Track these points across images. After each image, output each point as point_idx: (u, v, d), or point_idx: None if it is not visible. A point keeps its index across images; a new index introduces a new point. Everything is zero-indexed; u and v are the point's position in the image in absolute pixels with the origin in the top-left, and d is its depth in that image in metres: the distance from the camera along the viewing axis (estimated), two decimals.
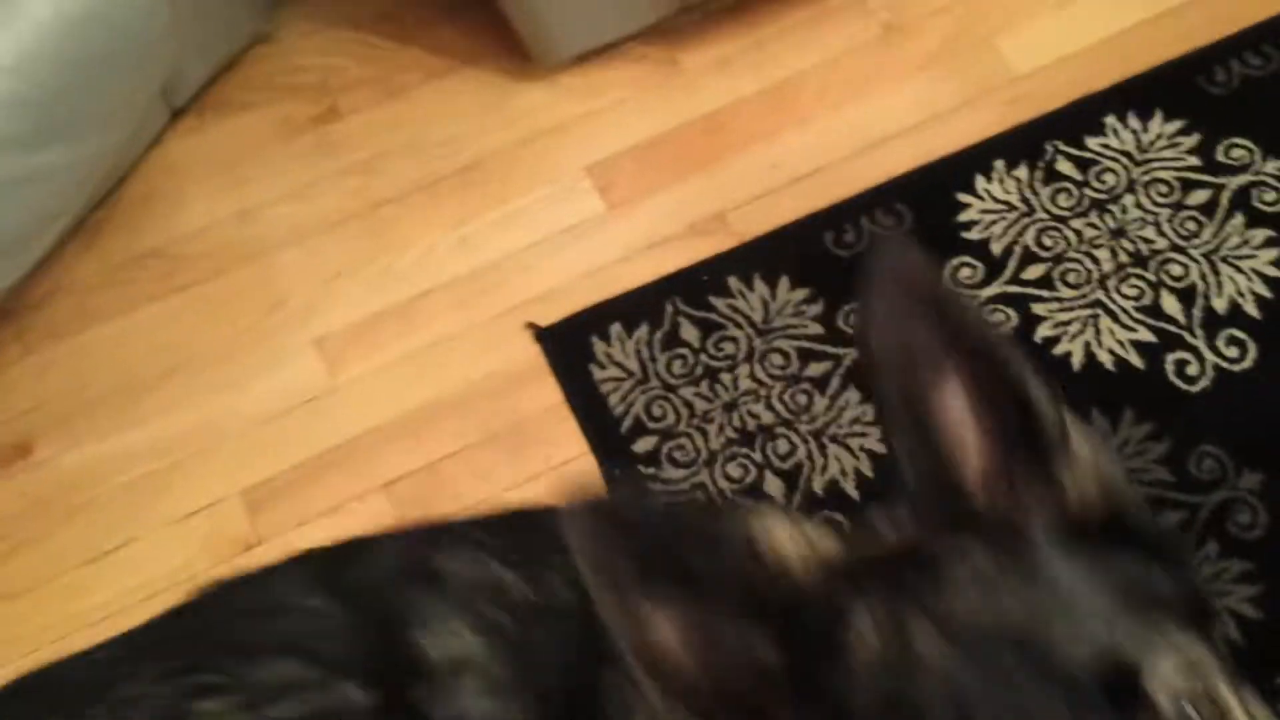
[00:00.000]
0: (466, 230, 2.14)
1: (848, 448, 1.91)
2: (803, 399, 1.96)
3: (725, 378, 1.98)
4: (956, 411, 0.83)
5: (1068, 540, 0.80)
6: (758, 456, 1.92)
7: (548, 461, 1.93)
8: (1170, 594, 0.80)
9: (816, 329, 2.01)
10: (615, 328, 2.02)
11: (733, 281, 2.06)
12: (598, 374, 1.99)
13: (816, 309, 2.03)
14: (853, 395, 1.95)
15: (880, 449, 1.89)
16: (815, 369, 1.98)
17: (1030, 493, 0.83)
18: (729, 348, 2.00)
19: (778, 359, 1.99)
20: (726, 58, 2.27)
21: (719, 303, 2.04)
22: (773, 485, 1.89)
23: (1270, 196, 2.05)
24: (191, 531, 1.92)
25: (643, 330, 2.02)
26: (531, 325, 2.04)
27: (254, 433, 1.98)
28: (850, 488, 1.88)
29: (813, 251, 2.08)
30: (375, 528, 1.87)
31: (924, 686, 0.74)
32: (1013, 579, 0.77)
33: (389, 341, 2.05)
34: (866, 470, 1.89)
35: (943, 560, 0.80)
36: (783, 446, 1.92)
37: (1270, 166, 2.07)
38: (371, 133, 2.26)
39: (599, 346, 2.01)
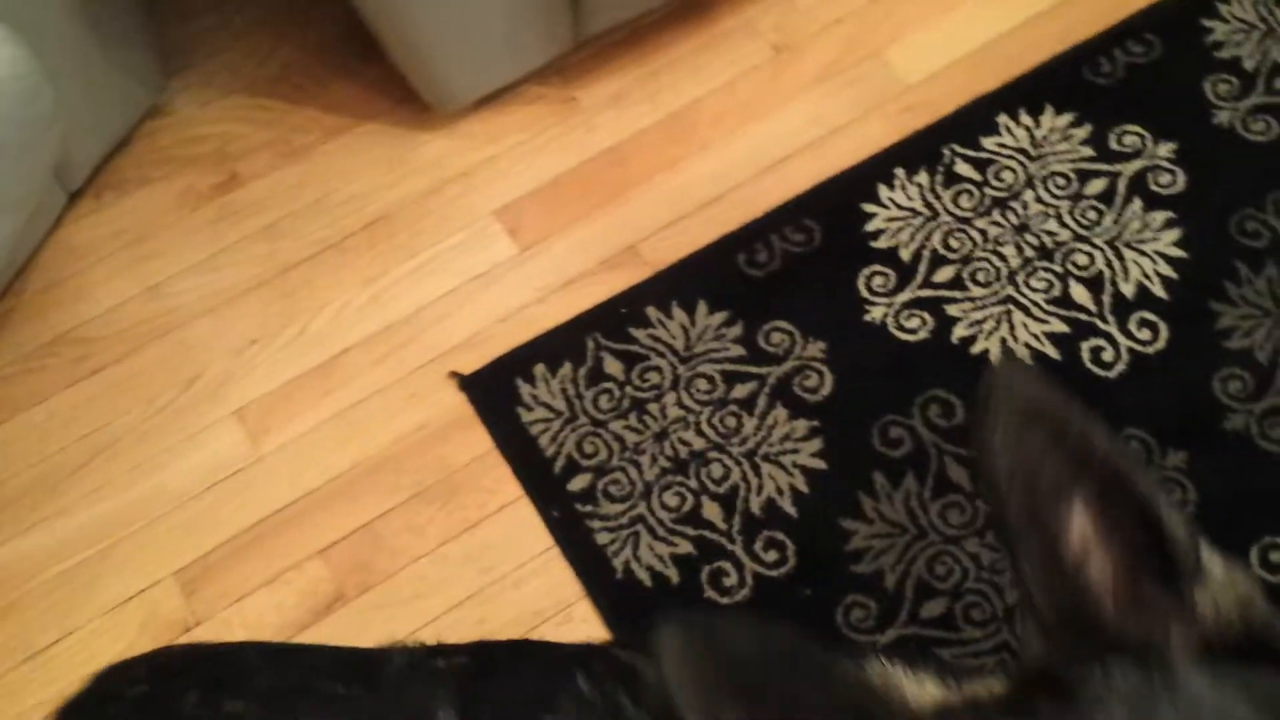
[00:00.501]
0: (379, 285, 2.13)
1: (781, 465, 1.92)
2: (731, 421, 1.97)
3: (653, 408, 1.98)
4: (1084, 535, 0.80)
5: (1207, 661, 0.77)
6: (693, 483, 1.92)
7: (483, 510, 1.92)
8: None
9: (738, 350, 2.02)
10: (539, 369, 2.02)
11: (651, 311, 2.07)
12: (525, 416, 1.98)
13: (736, 331, 2.04)
14: (780, 413, 1.96)
15: (816, 464, 1.91)
16: (741, 390, 1.99)
17: (1164, 616, 0.79)
18: (654, 378, 2.01)
19: (703, 384, 2.00)
20: (622, 91, 2.28)
21: (639, 334, 2.04)
22: (710, 510, 1.89)
23: (1166, 179, 2.10)
24: (128, 619, 1.88)
25: (566, 369, 2.01)
26: (454, 374, 2.03)
27: (182, 512, 1.95)
28: (788, 505, 1.89)
29: (727, 274, 2.09)
30: (315, 595, 1.88)
31: None
32: (1159, 701, 0.74)
33: (310, 405, 2.02)
34: (802, 487, 1.90)
35: (1082, 687, 0.76)
36: (717, 470, 1.93)
37: (1163, 150, 2.12)
38: (275, 196, 2.23)
39: (524, 389, 2.00)
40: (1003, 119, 2.18)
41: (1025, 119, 2.17)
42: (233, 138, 2.30)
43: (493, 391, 2.02)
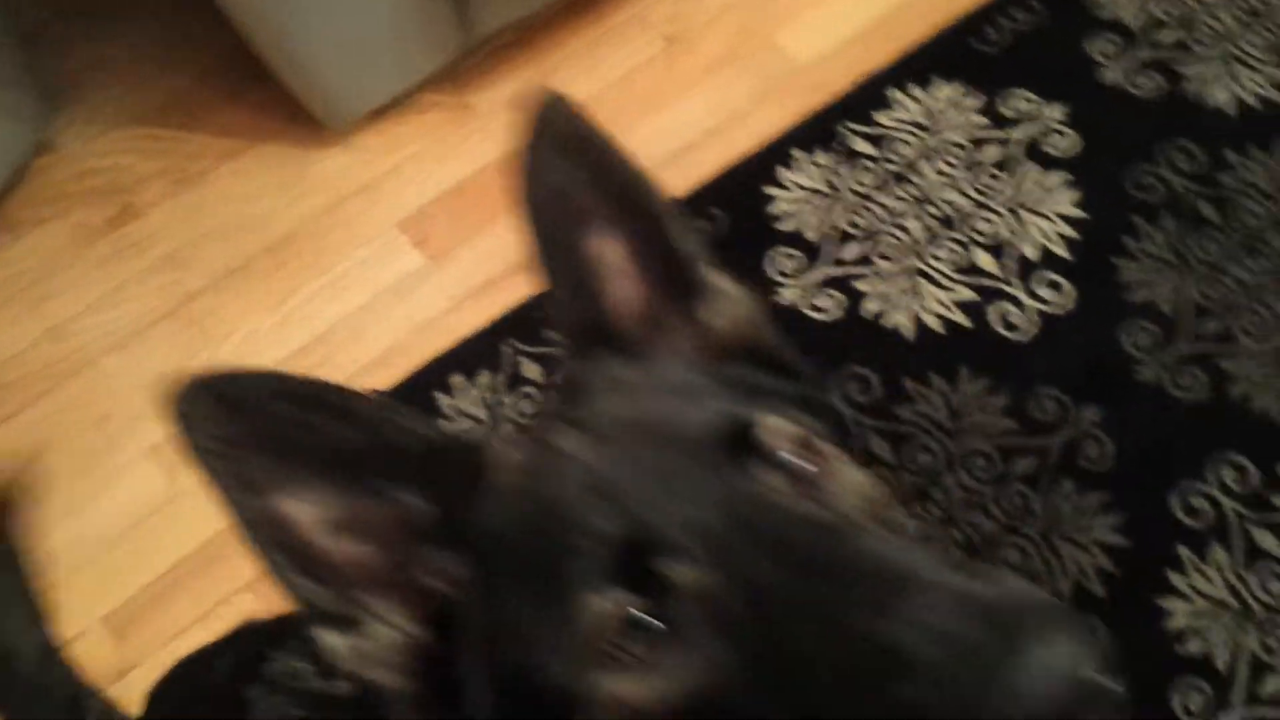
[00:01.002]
0: (288, 307, 2.10)
1: None
2: None
3: None
4: (610, 256, 0.90)
5: (702, 359, 0.90)
6: None
7: None
8: (791, 392, 0.88)
9: None
10: (457, 379, 2.00)
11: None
12: (447, 428, 1.97)
13: None
14: None
15: None
16: None
17: (672, 327, 0.91)
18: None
19: None
20: (517, 95, 2.26)
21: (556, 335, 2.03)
22: None
23: (1059, 141, 2.13)
24: None
25: (484, 377, 2.00)
26: (372, 391, 2.01)
27: (104, 556, 1.90)
28: None
29: None
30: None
31: (564, 479, 0.77)
32: (646, 383, 0.85)
33: None
34: None
35: (584, 378, 0.86)
36: None
37: (1054, 113, 2.16)
38: (172, 225, 2.19)
39: (443, 400, 1.99)
40: (895, 94, 2.20)
41: (917, 92, 2.20)
42: (124, 169, 2.26)
43: (412, 405, 1.99)
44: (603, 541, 0.72)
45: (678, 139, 2.22)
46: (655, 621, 0.70)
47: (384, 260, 2.14)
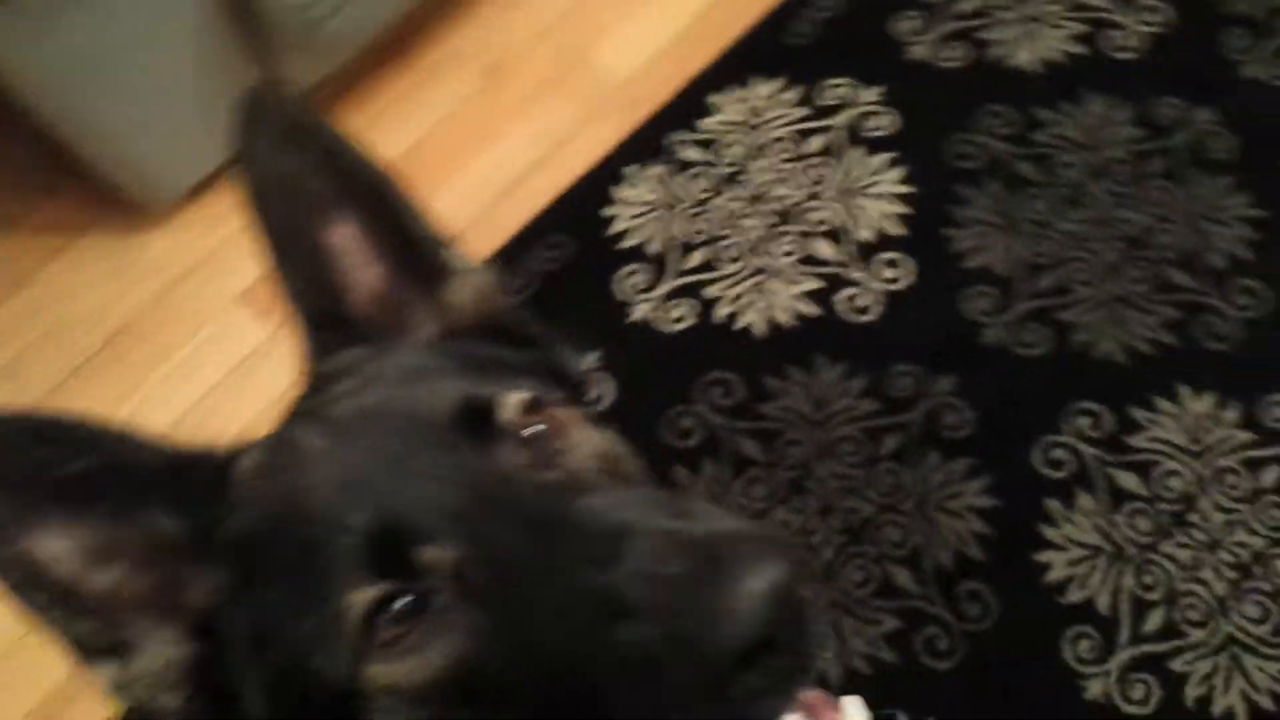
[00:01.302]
0: (136, 399, 2.04)
1: None
2: None
3: None
4: (345, 243, 0.90)
5: (443, 340, 0.91)
6: None
7: None
8: (533, 365, 0.92)
9: None
10: None
11: None
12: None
13: None
14: None
15: None
16: None
17: (414, 309, 0.92)
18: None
19: None
20: None
21: None
22: None
23: (878, 123, 2.18)
24: None
25: None
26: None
27: None
28: None
29: None
30: None
31: (307, 477, 0.78)
32: (385, 370, 0.85)
33: None
34: None
35: (325, 370, 0.87)
36: None
37: (870, 95, 2.21)
38: (7, 329, 2.12)
39: None
40: (716, 97, 2.23)
41: (737, 93, 2.23)
42: None
43: None
44: (353, 534, 0.74)
45: (510, 170, 2.22)
46: (408, 602, 0.73)
47: (228, 336, 2.09)
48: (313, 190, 0.88)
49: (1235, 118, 2.13)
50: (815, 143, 2.17)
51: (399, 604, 0.73)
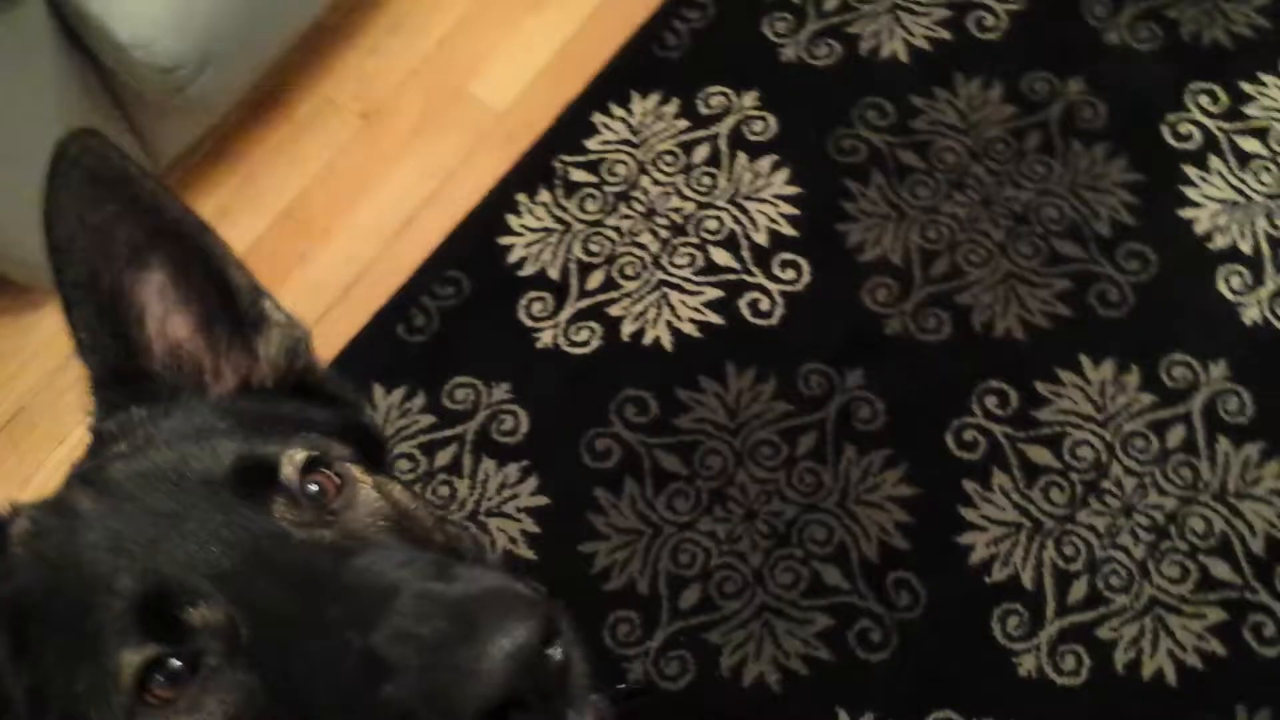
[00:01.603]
0: (36, 482, 2.00)
1: (506, 515, 1.92)
2: (445, 490, 1.95)
3: None
4: (152, 294, 0.90)
5: (239, 397, 0.91)
6: None
7: None
8: (329, 422, 0.92)
9: (429, 419, 2.00)
10: None
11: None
12: None
13: (420, 401, 2.02)
14: (489, 465, 1.95)
15: (538, 501, 1.91)
16: (444, 457, 1.97)
17: (216, 362, 0.92)
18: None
19: (405, 464, 1.97)
20: (225, 206, 2.21)
21: None
22: None
23: (759, 126, 2.20)
24: None
25: None
26: None
27: None
28: (524, 550, 1.89)
29: (391, 350, 2.06)
30: None
31: (79, 541, 0.79)
32: (166, 431, 0.85)
33: None
34: (533, 528, 1.90)
35: (106, 435, 0.86)
36: None
37: (748, 100, 2.22)
38: None
39: None
40: (597, 117, 2.23)
41: (618, 111, 2.23)
42: None
43: None
44: (123, 597, 0.75)
45: (399, 212, 2.20)
46: (178, 664, 0.75)
47: None
48: (120, 239, 0.87)
49: (1103, 85, 2.18)
50: (700, 152, 2.18)
51: (170, 666, 0.75)
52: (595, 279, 2.09)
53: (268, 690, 0.74)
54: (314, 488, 0.83)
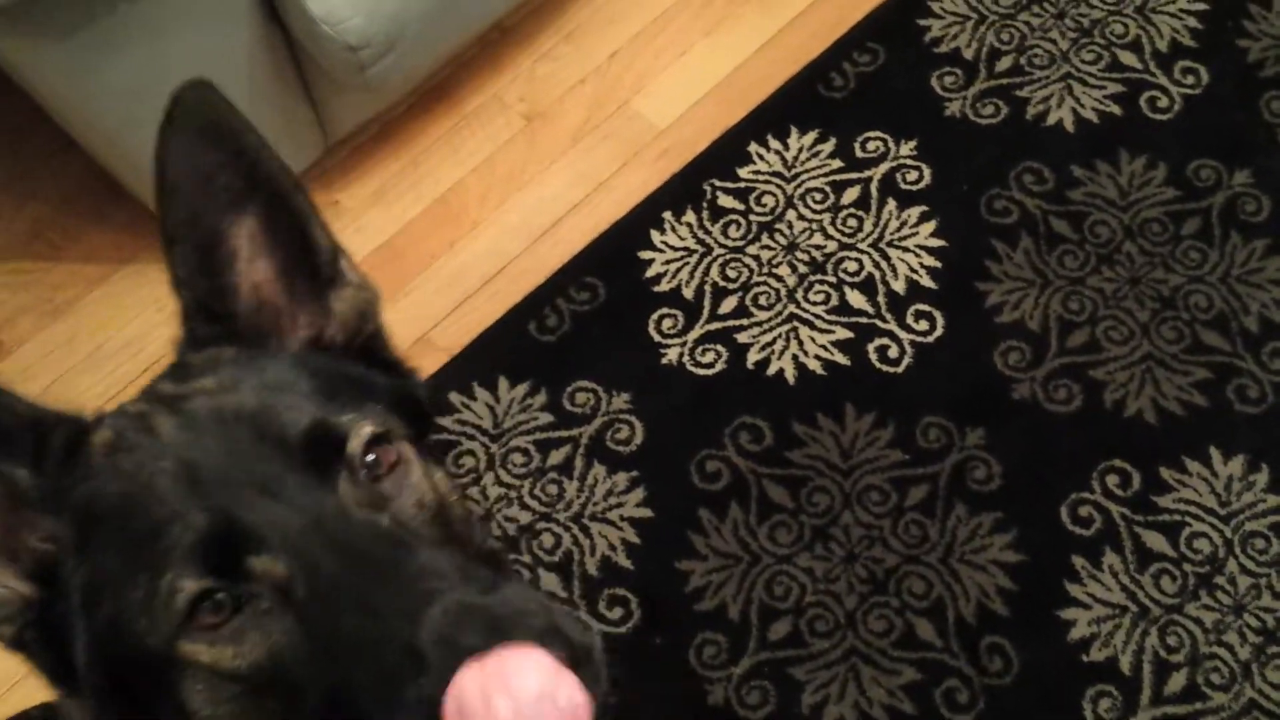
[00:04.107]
0: None
1: (609, 522, 1.94)
2: (553, 489, 1.98)
3: (473, 492, 1.98)
4: (243, 239, 0.94)
5: (312, 352, 0.97)
6: (527, 557, 1.92)
7: None
8: (387, 390, 0.97)
9: (547, 418, 2.04)
10: None
11: (455, 397, 2.07)
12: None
13: (541, 399, 2.05)
14: (599, 470, 1.98)
15: (642, 513, 1.93)
16: (557, 456, 2.00)
17: (293, 313, 0.97)
18: (469, 461, 2.01)
19: (519, 458, 2.01)
20: (384, 187, 2.28)
21: (446, 422, 2.04)
22: (549, 580, 1.90)
23: (913, 176, 2.20)
24: None
25: None
26: None
27: None
28: (623, 559, 1.90)
29: (521, 345, 2.11)
30: None
31: (160, 458, 0.85)
32: (250, 378, 0.90)
33: None
34: (634, 538, 1.92)
35: (193, 367, 0.92)
36: (548, 540, 1.93)
37: (905, 149, 2.23)
38: (46, 359, 2.16)
39: None
40: (754, 147, 2.25)
41: (774, 143, 2.25)
42: None
43: None
44: (193, 528, 0.81)
45: (548, 213, 2.25)
46: (232, 601, 0.82)
47: None
48: (221, 184, 0.92)
49: (1272, 181, 2.13)
50: (850, 194, 2.19)
51: (223, 600, 0.81)
52: (728, 304, 2.11)
53: (308, 647, 0.81)
54: (372, 458, 0.88)
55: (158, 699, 0.85)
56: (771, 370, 2.04)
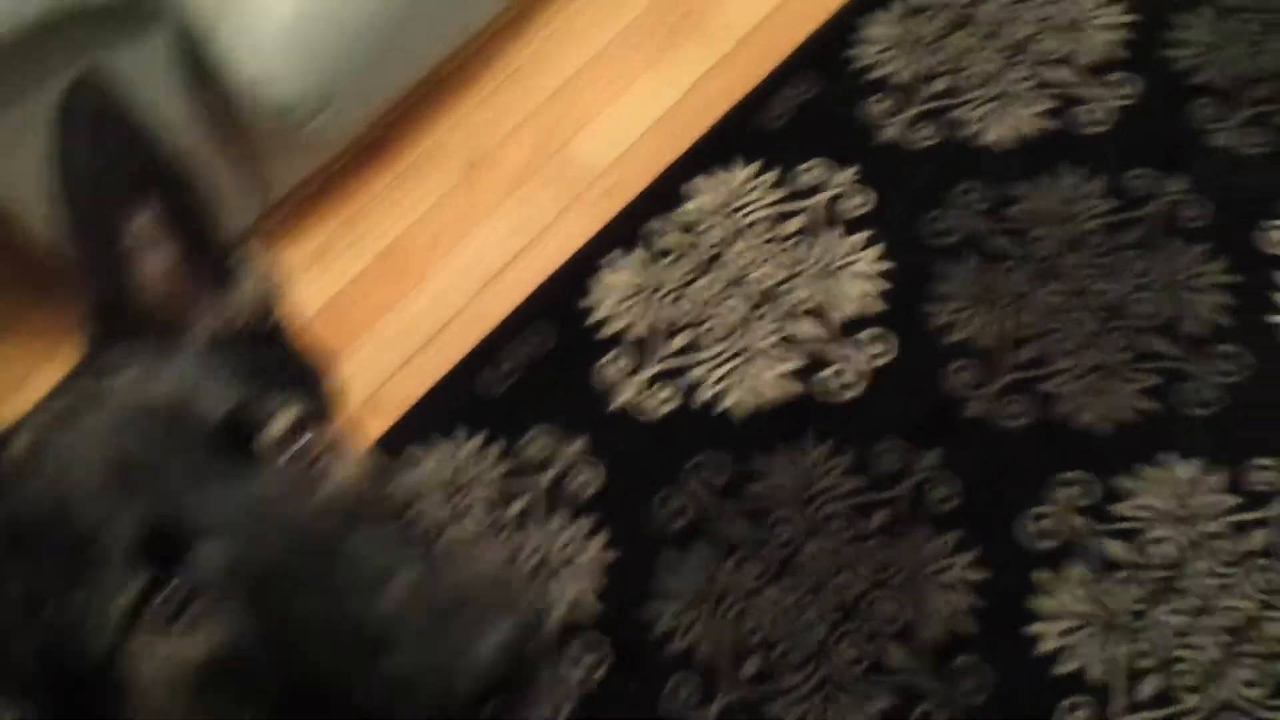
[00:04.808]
0: None
1: (575, 566, 1.92)
2: (516, 538, 1.96)
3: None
4: (143, 230, 0.94)
5: (225, 341, 0.96)
6: None
7: None
8: (291, 374, 0.98)
9: (504, 467, 2.02)
10: None
11: (412, 452, 2.05)
12: None
13: (496, 449, 2.04)
14: (560, 517, 1.96)
15: (607, 556, 1.92)
16: (516, 505, 1.99)
17: (207, 304, 0.97)
18: (427, 519, 1.98)
19: (479, 510, 1.99)
20: (326, 244, 2.28)
21: (403, 478, 2.02)
22: None
23: (855, 202, 2.21)
24: None
25: None
26: None
27: None
28: (590, 606, 1.89)
29: (474, 397, 2.10)
30: None
31: (87, 455, 0.83)
32: (163, 368, 0.90)
33: None
34: (600, 583, 1.90)
35: (106, 362, 0.91)
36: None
37: (845, 176, 2.24)
38: None
39: None
40: (695, 182, 2.26)
41: (715, 177, 2.26)
42: None
43: None
44: (130, 524, 0.81)
45: (492, 261, 2.24)
46: (178, 593, 0.80)
47: None
48: (120, 175, 0.92)
49: (1207, 186, 2.15)
50: (793, 224, 2.19)
51: (169, 593, 0.81)
52: (678, 342, 2.11)
53: (259, 630, 0.80)
54: (298, 441, 0.88)
55: (111, 703, 0.84)
56: (726, 403, 2.03)
